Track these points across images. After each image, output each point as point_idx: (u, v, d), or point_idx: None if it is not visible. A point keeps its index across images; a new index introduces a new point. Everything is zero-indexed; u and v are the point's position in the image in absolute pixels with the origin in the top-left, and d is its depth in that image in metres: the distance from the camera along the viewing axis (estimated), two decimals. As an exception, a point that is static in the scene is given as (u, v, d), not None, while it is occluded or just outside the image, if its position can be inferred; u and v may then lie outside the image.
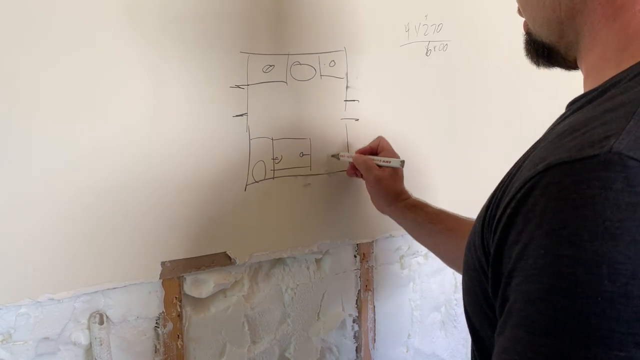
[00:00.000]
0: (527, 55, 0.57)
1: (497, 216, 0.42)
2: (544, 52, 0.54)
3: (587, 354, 0.33)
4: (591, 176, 0.35)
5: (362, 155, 0.91)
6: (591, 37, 0.48)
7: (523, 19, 0.57)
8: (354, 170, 0.94)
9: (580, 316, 0.34)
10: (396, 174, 0.90)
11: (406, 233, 0.94)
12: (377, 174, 0.88)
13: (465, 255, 0.51)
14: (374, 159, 0.90)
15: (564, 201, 0.36)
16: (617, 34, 0.46)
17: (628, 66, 0.44)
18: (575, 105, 0.47)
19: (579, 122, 0.41)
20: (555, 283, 0.35)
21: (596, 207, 0.34)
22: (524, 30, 0.57)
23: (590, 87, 0.47)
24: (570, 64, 0.54)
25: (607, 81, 0.44)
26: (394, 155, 0.91)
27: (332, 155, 0.95)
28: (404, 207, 0.89)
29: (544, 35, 0.53)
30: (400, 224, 0.92)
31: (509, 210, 0.40)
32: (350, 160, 0.92)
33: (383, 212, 0.93)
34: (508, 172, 0.47)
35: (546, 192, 0.37)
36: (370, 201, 0.94)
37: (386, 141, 0.93)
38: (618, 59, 0.46)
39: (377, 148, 0.93)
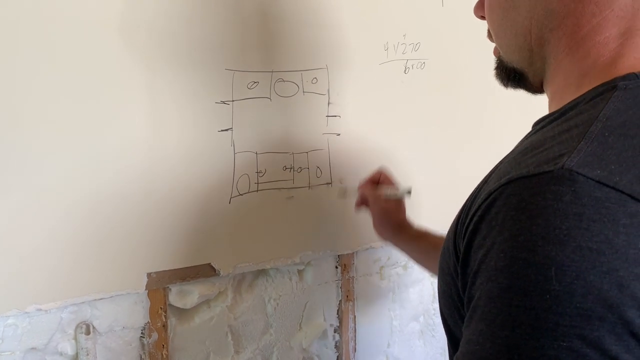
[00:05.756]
0: (497, 77, 0.61)
1: (466, 224, 0.46)
2: (515, 76, 0.58)
3: (535, 344, 0.37)
4: (545, 189, 0.39)
5: (369, 187, 0.93)
6: (556, 64, 0.53)
7: (493, 45, 0.61)
8: (363, 203, 0.96)
9: (531, 311, 0.38)
10: (400, 205, 0.93)
11: (385, 245, 0.96)
12: (384, 206, 0.91)
13: (440, 262, 0.54)
14: (380, 190, 0.92)
15: (522, 211, 0.40)
16: (578, 61, 0.50)
17: (586, 90, 0.48)
18: (540, 125, 0.51)
19: (538, 141, 0.45)
20: (511, 283, 0.39)
21: (548, 216, 0.38)
22: (495, 55, 0.61)
23: (554, 109, 0.51)
24: (536, 89, 0.58)
25: (567, 104, 0.49)
26: (396, 185, 0.93)
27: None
28: (409, 238, 0.92)
29: (515, 61, 0.57)
30: (404, 251, 0.94)
31: (475, 219, 0.44)
32: (357, 193, 0.94)
33: (386, 239, 0.95)
34: (477, 185, 0.51)
35: (507, 202, 0.41)
36: (351, 213, 0.97)
37: (387, 173, 0.94)
38: (578, 84, 0.50)
39: (380, 179, 0.94)
